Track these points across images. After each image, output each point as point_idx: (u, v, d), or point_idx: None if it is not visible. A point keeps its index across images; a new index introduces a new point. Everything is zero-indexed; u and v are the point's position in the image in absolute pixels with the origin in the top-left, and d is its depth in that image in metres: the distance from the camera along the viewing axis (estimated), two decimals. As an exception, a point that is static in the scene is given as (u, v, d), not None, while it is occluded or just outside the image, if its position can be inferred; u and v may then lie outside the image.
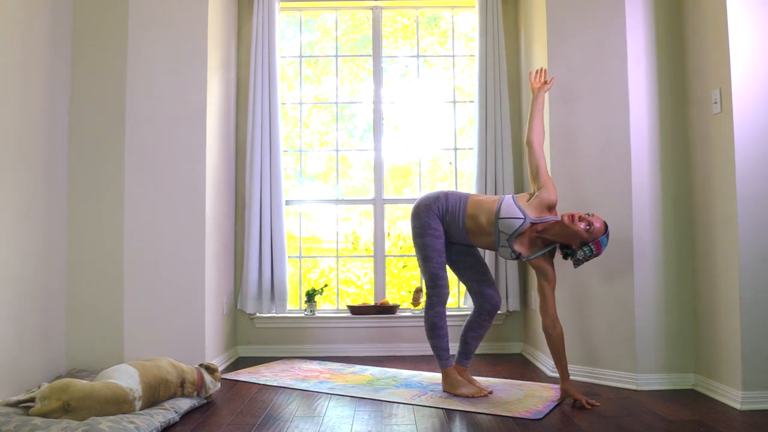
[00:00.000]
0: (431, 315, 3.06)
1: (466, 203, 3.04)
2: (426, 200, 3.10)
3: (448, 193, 3.11)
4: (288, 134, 4.54)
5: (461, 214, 3.02)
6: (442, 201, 3.06)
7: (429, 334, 3.08)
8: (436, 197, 3.09)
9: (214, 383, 2.92)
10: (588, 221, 2.84)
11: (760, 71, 2.79)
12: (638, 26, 3.26)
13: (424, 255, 3.05)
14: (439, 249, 3.04)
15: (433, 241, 3.03)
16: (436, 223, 3.04)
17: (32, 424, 2.22)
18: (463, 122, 4.55)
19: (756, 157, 2.77)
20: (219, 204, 3.82)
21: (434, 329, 3.05)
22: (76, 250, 3.37)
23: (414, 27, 4.62)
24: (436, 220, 3.04)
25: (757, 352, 2.72)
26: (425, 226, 3.04)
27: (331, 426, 2.54)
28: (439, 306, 3.05)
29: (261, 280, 4.12)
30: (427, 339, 3.10)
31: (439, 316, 3.05)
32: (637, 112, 3.24)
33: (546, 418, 2.63)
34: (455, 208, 3.03)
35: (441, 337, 3.05)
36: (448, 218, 3.03)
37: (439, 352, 3.06)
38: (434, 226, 3.03)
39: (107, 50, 3.44)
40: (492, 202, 3.01)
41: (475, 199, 3.07)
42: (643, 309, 3.16)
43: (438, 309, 3.05)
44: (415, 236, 3.09)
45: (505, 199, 2.98)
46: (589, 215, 2.87)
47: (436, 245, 3.04)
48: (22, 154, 2.97)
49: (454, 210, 3.03)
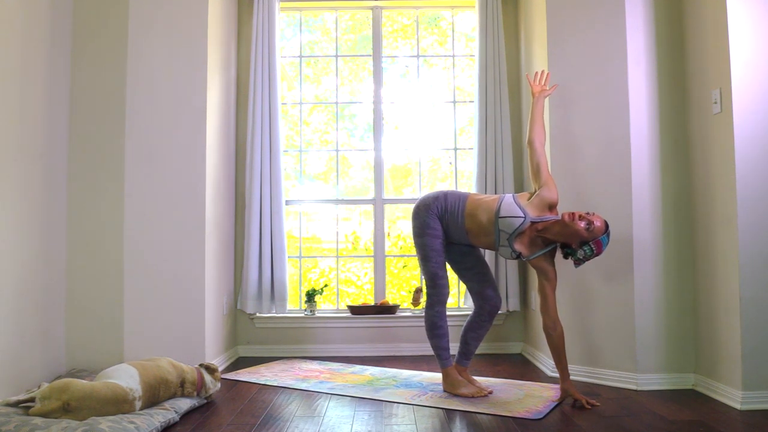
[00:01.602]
0: (431, 314, 3.06)
1: (465, 202, 3.04)
2: (426, 200, 3.11)
3: (448, 192, 3.11)
4: (288, 134, 4.54)
5: (460, 213, 3.02)
6: (441, 201, 3.06)
7: (429, 334, 3.08)
8: (435, 197, 3.09)
9: (214, 383, 2.92)
10: (588, 220, 2.84)
11: (760, 71, 2.79)
12: (638, 26, 3.26)
13: (423, 255, 3.06)
14: (438, 249, 3.05)
15: (432, 241, 3.04)
16: (435, 222, 3.04)
17: (32, 424, 2.22)
18: (463, 122, 4.55)
19: (756, 157, 2.77)
20: (219, 204, 3.82)
21: (434, 329, 3.06)
22: (76, 250, 3.37)
23: (414, 27, 4.62)
24: (435, 219, 3.04)
25: (757, 352, 2.72)
26: (424, 225, 3.05)
27: (331, 426, 2.54)
28: (439, 306, 3.06)
29: (261, 280, 4.12)
30: (428, 338, 3.11)
31: (439, 315, 3.06)
32: (637, 112, 3.24)
33: (546, 418, 2.62)
34: (454, 207, 3.04)
35: (441, 336, 3.05)
36: (447, 217, 3.04)
37: (439, 351, 3.07)
38: (433, 226, 3.04)
39: (107, 50, 3.44)
40: (492, 201, 3.01)
41: (474, 198, 3.07)
42: (643, 309, 3.16)
43: (438, 309, 3.06)
44: (415, 236, 3.10)
45: (506, 198, 2.98)
46: (590, 214, 2.87)
47: (435, 245, 3.04)
48: (22, 154, 2.96)
49: (453, 209, 3.03)
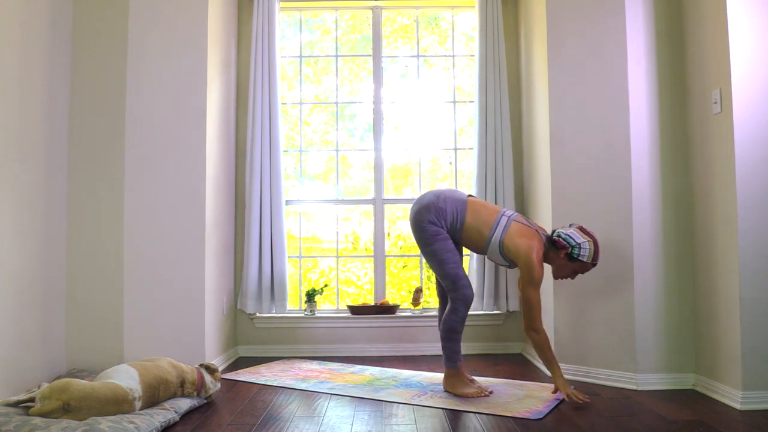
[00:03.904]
0: (453, 319, 2.99)
1: (465, 217, 3.02)
2: (421, 209, 3.03)
3: (443, 198, 3.04)
4: (288, 134, 4.54)
5: (459, 222, 3.02)
6: (441, 208, 3.00)
7: (445, 336, 3.01)
8: (426, 207, 3.01)
9: (214, 383, 2.92)
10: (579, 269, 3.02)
11: (760, 71, 2.79)
12: (638, 26, 3.26)
13: (438, 260, 2.99)
14: (451, 248, 3.01)
15: (442, 245, 2.99)
16: (438, 227, 2.99)
17: (32, 424, 2.22)
18: (463, 122, 4.55)
19: (756, 157, 2.77)
20: (219, 204, 3.82)
21: (452, 333, 3.00)
22: (76, 250, 3.37)
23: (414, 27, 4.62)
24: (436, 224, 3.00)
25: (757, 352, 2.72)
26: (429, 234, 2.99)
27: (331, 426, 2.54)
28: (464, 309, 2.99)
29: (261, 280, 4.13)
30: (441, 339, 3.04)
31: (460, 321, 2.99)
32: (637, 112, 3.23)
33: (546, 418, 2.62)
34: (454, 217, 3.01)
35: (457, 341, 3.01)
36: (447, 223, 3.02)
37: (450, 354, 3.02)
38: (438, 231, 2.99)
39: (107, 50, 3.44)
40: (489, 222, 3.01)
41: (472, 215, 3.03)
42: (643, 309, 3.16)
43: (462, 314, 2.98)
44: (423, 246, 3.03)
45: (492, 240, 2.98)
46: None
47: (447, 246, 3.00)
48: (22, 155, 2.96)
49: (453, 219, 3.02)
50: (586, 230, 2.99)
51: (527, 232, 2.96)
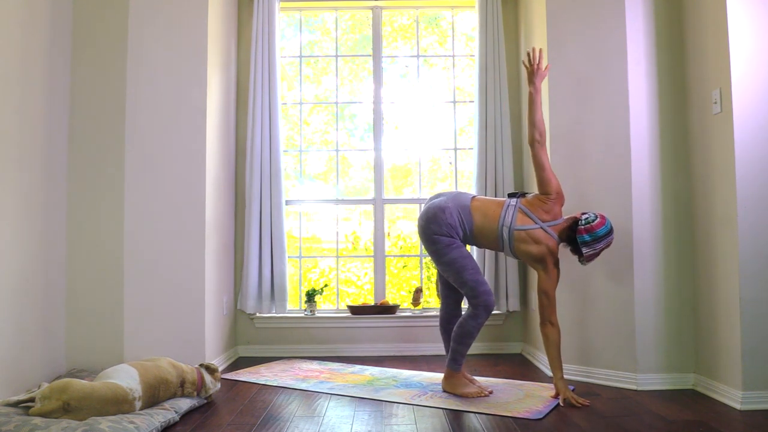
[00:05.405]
0: (472, 325, 2.94)
1: (472, 222, 2.98)
2: (429, 221, 2.97)
3: (448, 206, 2.97)
4: (288, 134, 4.54)
5: (468, 228, 2.99)
6: (448, 216, 2.95)
7: (458, 339, 2.97)
8: (434, 220, 2.95)
9: (214, 383, 2.92)
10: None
11: (760, 71, 2.79)
12: (638, 26, 3.26)
13: (455, 269, 2.94)
14: (466, 254, 2.97)
15: (458, 252, 2.95)
16: (449, 239, 2.95)
17: (32, 424, 2.22)
18: (463, 122, 4.55)
19: (756, 157, 2.77)
20: (219, 204, 3.82)
21: (466, 337, 2.96)
22: (76, 250, 3.37)
23: (414, 27, 4.62)
24: (448, 234, 2.95)
25: (757, 352, 2.72)
26: (443, 246, 2.94)
27: (331, 426, 2.54)
28: (485, 317, 2.94)
29: (261, 280, 4.13)
30: (453, 341, 3.00)
31: (478, 328, 2.95)
32: (637, 112, 3.23)
33: (546, 418, 2.63)
34: (462, 222, 2.98)
35: (468, 345, 2.99)
36: (458, 229, 2.97)
37: (456, 356, 3.00)
38: (450, 240, 2.95)
39: (107, 50, 3.44)
40: (495, 216, 2.97)
41: (478, 214, 2.99)
42: (643, 309, 3.16)
43: (481, 321, 2.94)
44: (438, 258, 2.97)
45: (504, 239, 2.96)
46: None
47: (463, 253, 2.96)
48: (22, 155, 2.96)
49: (463, 225, 2.98)
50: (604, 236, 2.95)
51: (537, 237, 2.93)
